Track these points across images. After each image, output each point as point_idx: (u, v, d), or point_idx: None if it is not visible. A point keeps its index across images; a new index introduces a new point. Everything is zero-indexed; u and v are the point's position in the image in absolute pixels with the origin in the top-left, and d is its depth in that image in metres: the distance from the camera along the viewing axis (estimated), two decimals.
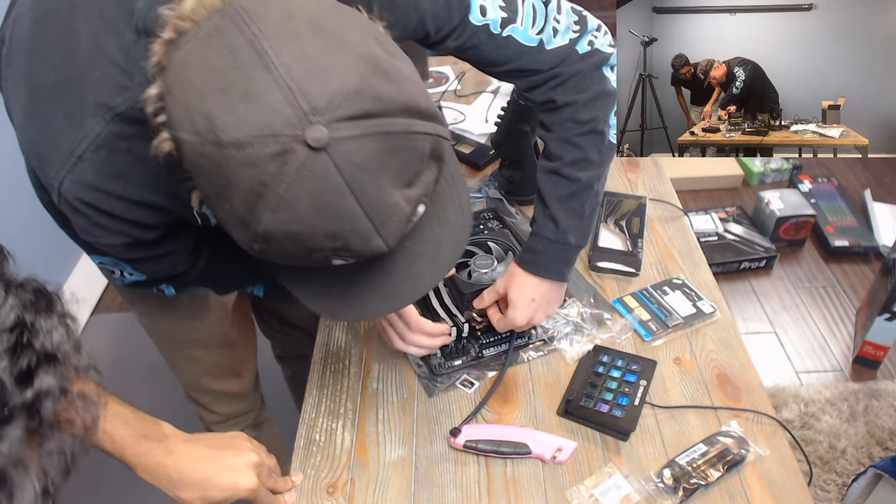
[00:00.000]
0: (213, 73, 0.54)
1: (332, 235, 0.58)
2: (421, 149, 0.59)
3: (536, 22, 0.87)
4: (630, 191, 1.39)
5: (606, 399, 0.97)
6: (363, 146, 0.55)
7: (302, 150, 0.53)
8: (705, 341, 1.09)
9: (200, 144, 0.55)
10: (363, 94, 0.54)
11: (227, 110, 0.53)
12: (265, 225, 0.56)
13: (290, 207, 0.55)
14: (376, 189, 0.57)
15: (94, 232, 0.75)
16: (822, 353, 2.13)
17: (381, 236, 0.59)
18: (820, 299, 2.31)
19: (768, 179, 2.77)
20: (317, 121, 0.53)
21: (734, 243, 2.40)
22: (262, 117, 0.53)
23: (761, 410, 0.98)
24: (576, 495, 0.88)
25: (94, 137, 0.69)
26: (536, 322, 1.03)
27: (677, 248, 1.26)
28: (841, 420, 1.89)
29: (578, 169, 0.95)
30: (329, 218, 0.56)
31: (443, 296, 1.07)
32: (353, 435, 0.97)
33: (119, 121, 0.68)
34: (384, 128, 0.56)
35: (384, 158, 0.56)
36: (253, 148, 0.53)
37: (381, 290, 0.71)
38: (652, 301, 1.14)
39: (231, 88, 0.53)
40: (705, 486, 0.88)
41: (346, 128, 0.54)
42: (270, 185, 0.54)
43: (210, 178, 0.56)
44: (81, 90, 0.68)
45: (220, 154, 0.54)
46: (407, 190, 0.60)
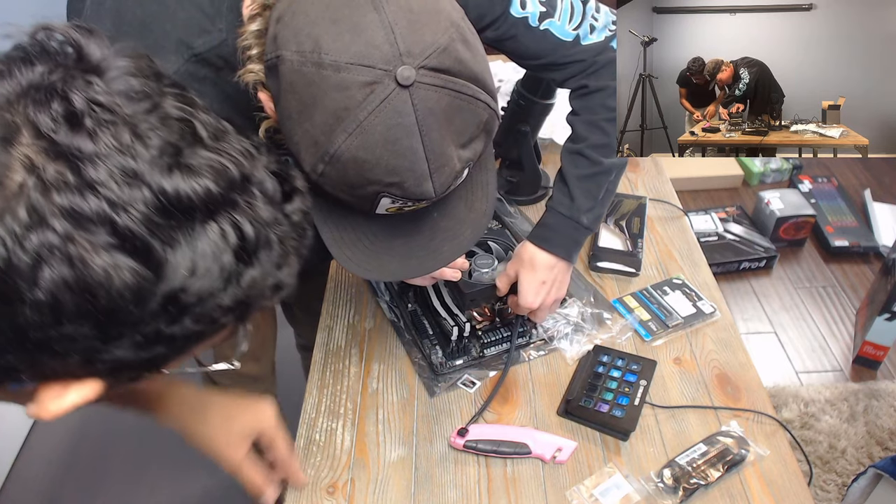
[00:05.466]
0: (327, 7, 0.62)
1: (391, 170, 0.64)
2: (480, 116, 0.67)
3: (574, 17, 0.91)
4: (630, 191, 1.39)
5: (606, 399, 0.97)
6: (439, 96, 0.62)
7: (390, 84, 0.61)
8: (705, 341, 1.09)
9: (301, 63, 0.62)
10: (449, 52, 0.63)
11: (335, 37, 0.61)
12: (337, 147, 0.63)
13: (364, 134, 0.62)
14: (439, 137, 0.64)
15: None
16: (822, 353, 2.13)
17: (433, 182, 0.66)
18: (820, 299, 2.31)
19: (768, 179, 2.77)
20: (409, 62, 0.61)
21: (734, 243, 2.40)
22: (363, 48, 0.61)
23: (761, 410, 0.98)
24: (576, 495, 0.88)
25: (173, 73, 0.73)
26: (548, 304, 1.04)
27: (677, 248, 1.26)
28: (841, 420, 1.89)
29: (601, 153, 0.98)
30: (394, 152, 0.63)
31: (444, 295, 1.07)
32: (353, 435, 0.97)
33: (195, 61, 0.73)
34: (458, 87, 0.63)
35: (451, 114, 0.64)
36: (349, 73, 0.61)
37: (402, 255, 0.76)
38: (652, 301, 1.14)
39: (342, 20, 0.61)
40: (705, 486, 0.88)
41: (429, 76, 0.62)
42: (353, 111, 0.61)
43: (299, 95, 0.63)
44: (167, 27, 0.74)
45: (317, 73, 0.61)
46: (461, 150, 0.67)
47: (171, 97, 0.42)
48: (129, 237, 0.38)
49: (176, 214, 0.39)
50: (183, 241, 0.39)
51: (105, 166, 0.38)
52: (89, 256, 0.37)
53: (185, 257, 0.39)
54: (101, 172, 0.37)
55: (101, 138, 0.38)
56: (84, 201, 0.37)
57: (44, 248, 0.36)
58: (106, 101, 0.39)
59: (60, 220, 0.36)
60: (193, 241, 0.40)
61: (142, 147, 0.39)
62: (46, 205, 0.36)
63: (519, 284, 1.02)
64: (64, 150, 0.37)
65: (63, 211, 0.36)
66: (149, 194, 0.38)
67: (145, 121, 0.40)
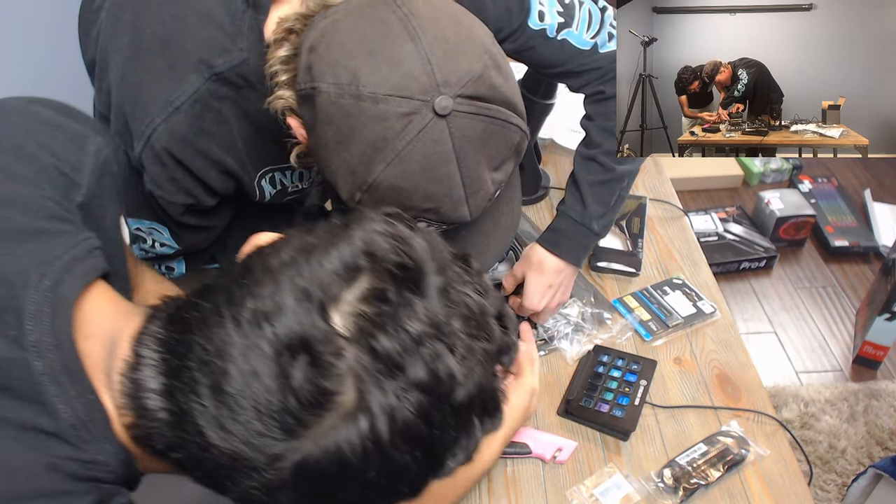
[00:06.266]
0: (363, 38, 0.63)
1: (429, 196, 0.65)
2: (512, 139, 0.68)
3: (591, 26, 0.91)
4: (630, 191, 1.39)
5: (607, 399, 0.97)
6: (474, 123, 0.64)
7: (428, 114, 0.62)
8: (705, 341, 1.09)
9: (338, 95, 0.62)
10: (483, 79, 0.64)
11: (373, 69, 0.62)
12: (376, 176, 0.63)
13: (403, 163, 0.63)
14: (475, 163, 0.65)
15: (165, 186, 0.79)
16: (822, 353, 2.13)
17: (469, 206, 0.67)
18: (820, 299, 2.31)
19: (768, 179, 2.77)
20: (446, 92, 0.62)
21: (734, 243, 2.40)
22: (401, 80, 0.61)
23: (761, 410, 0.98)
24: (576, 495, 0.88)
25: (193, 92, 0.73)
26: (552, 307, 1.05)
27: (677, 248, 1.26)
28: (841, 420, 1.89)
29: (615, 160, 0.98)
30: (432, 180, 0.64)
31: None
32: None
33: (216, 80, 0.74)
34: (492, 113, 0.65)
35: (486, 139, 0.65)
36: (387, 104, 0.61)
37: None
38: (652, 301, 1.14)
39: (379, 52, 0.62)
40: (705, 486, 0.88)
41: (465, 104, 0.63)
42: (391, 141, 0.62)
43: (337, 126, 0.64)
44: (187, 46, 0.73)
45: (355, 105, 0.62)
46: (494, 172, 0.68)
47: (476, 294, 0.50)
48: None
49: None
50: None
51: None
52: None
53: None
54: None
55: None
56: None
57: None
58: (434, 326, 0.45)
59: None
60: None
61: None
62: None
63: (525, 286, 1.02)
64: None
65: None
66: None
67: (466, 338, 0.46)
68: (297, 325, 0.43)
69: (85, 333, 0.48)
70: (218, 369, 0.43)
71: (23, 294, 0.46)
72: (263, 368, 0.42)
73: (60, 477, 0.45)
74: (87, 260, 0.51)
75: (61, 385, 0.45)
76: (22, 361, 0.45)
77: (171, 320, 0.49)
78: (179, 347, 0.46)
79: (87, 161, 0.56)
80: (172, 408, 0.45)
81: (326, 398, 0.42)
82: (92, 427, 0.46)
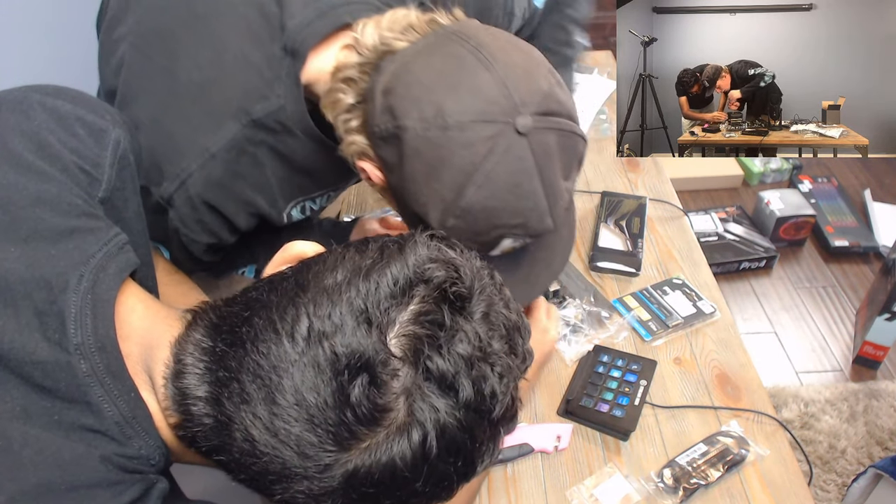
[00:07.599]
0: (440, 74, 0.67)
1: (517, 211, 0.68)
2: (578, 149, 0.71)
3: None
4: (630, 191, 1.39)
5: (606, 399, 0.97)
6: (549, 137, 0.67)
7: (511, 134, 0.65)
8: (705, 341, 1.09)
9: (425, 129, 0.65)
10: (552, 96, 0.68)
11: (456, 100, 0.65)
12: (468, 199, 0.66)
13: (491, 183, 0.66)
14: (553, 174, 0.68)
15: (192, 226, 0.79)
16: (822, 353, 2.13)
17: (552, 216, 0.70)
18: (820, 299, 2.31)
19: (768, 179, 2.77)
20: (524, 111, 0.65)
21: (734, 243, 2.40)
22: (483, 106, 0.65)
23: (761, 410, 0.98)
24: (576, 495, 0.88)
25: (230, 139, 0.74)
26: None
27: (677, 248, 1.26)
28: (841, 420, 1.89)
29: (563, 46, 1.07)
30: (518, 195, 0.67)
31: None
32: None
33: (252, 126, 0.74)
34: (562, 126, 0.68)
35: (558, 151, 0.68)
36: (472, 130, 0.65)
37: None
38: (652, 301, 1.14)
39: (459, 84, 0.66)
40: (705, 486, 0.88)
41: (541, 121, 0.66)
42: (480, 164, 0.65)
43: (425, 159, 0.66)
44: (227, 93, 0.74)
45: (443, 136, 0.65)
46: (566, 182, 0.71)
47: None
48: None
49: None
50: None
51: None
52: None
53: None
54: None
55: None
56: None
57: None
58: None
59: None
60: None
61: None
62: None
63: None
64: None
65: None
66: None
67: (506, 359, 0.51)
68: (357, 345, 0.46)
69: (123, 335, 0.51)
70: (273, 383, 0.46)
71: (63, 297, 0.48)
72: (321, 384, 0.45)
73: (113, 469, 0.48)
74: (119, 256, 0.53)
75: (105, 386, 0.48)
76: (66, 364, 0.47)
77: (217, 331, 0.51)
78: (229, 360, 0.48)
79: (107, 155, 0.57)
80: (219, 416, 0.48)
81: (382, 414, 0.46)
82: (135, 424, 0.49)
